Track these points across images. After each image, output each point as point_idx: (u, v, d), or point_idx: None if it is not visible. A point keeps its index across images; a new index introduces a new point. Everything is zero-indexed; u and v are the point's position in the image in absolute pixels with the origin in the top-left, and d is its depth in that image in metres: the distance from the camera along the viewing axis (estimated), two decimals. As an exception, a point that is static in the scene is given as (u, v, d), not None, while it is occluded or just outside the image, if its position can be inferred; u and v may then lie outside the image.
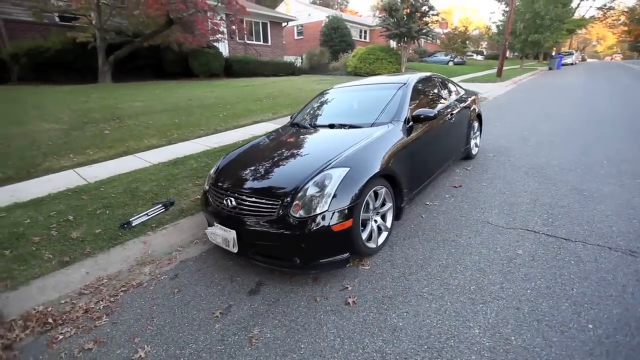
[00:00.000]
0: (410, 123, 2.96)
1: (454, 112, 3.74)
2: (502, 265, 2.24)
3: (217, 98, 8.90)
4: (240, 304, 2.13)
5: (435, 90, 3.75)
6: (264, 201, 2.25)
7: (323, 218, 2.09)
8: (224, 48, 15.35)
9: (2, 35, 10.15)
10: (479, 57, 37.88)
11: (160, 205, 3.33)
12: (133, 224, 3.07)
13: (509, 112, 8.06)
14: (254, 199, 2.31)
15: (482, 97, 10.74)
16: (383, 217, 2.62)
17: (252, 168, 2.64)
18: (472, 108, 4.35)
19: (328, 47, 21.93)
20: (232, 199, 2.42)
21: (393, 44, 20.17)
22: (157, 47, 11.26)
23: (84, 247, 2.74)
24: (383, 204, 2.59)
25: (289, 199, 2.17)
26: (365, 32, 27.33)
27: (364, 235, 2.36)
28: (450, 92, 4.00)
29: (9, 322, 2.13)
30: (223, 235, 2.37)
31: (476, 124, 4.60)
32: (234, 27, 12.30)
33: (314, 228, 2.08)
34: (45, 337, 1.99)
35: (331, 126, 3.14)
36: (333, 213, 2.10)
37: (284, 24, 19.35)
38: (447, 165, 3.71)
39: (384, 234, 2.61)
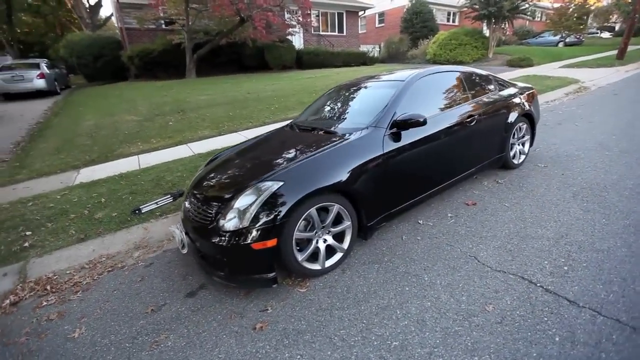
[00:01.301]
0: (394, 129, 2.44)
1: (478, 114, 2.95)
2: (452, 321, 1.68)
3: (275, 91, 9.13)
4: (173, 304, 2.14)
5: (451, 89, 3.00)
6: (204, 209, 2.18)
7: (243, 234, 1.90)
8: (298, 40, 15.59)
9: (124, 41, 12.45)
10: (607, 35, 29.53)
11: (170, 195, 3.58)
12: (142, 211, 3.37)
13: (605, 108, 6.07)
14: (199, 205, 2.26)
15: (583, 87, 8.39)
16: (339, 237, 2.26)
17: (217, 172, 2.58)
18: (515, 108, 3.36)
19: (408, 33, 20.22)
20: (188, 202, 2.42)
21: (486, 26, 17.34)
22: (235, 43, 12.13)
23: (99, 228, 3.15)
24: (339, 222, 2.23)
25: (221, 210, 2.04)
26: (454, 14, 24.10)
27: (302, 256, 2.07)
28: (476, 90, 3.15)
29: (26, 283, 2.62)
30: (178, 235, 2.40)
31: (523, 127, 3.57)
32: (306, 20, 12.33)
33: (234, 243, 1.91)
34: (36, 302, 2.37)
35: (312, 129, 2.84)
36: (253, 230, 1.89)
37: (360, 13, 18.49)
38: (458, 178, 2.97)
39: (338, 255, 2.25)
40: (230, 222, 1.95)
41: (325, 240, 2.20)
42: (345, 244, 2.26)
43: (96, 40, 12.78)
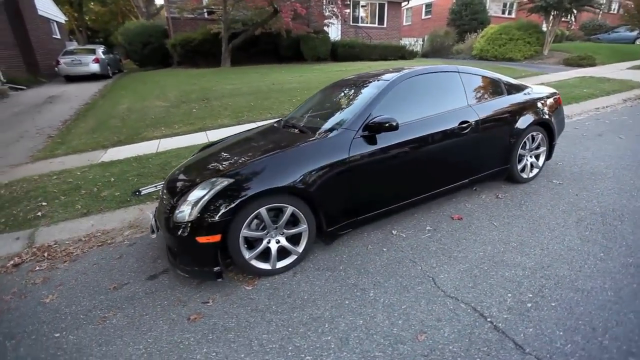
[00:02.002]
0: (366, 132, 2.29)
1: (474, 120, 2.66)
2: (376, 345, 1.56)
3: (300, 83, 9.10)
4: (133, 284, 2.26)
5: (445, 91, 2.72)
6: (167, 199, 2.26)
7: (190, 227, 1.94)
8: (335, 32, 15.29)
9: (169, 30, 13.22)
10: None
11: (168, 180, 3.79)
12: (142, 193, 3.61)
13: (669, 119, 5.13)
14: (166, 194, 2.34)
15: (649, 93, 7.17)
16: (296, 239, 2.21)
17: (192, 164, 2.65)
18: (525, 115, 2.97)
19: (455, 26, 18.90)
20: (162, 191, 2.53)
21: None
22: (271, 33, 12.26)
23: (102, 205, 3.43)
24: (296, 225, 2.18)
25: (178, 201, 2.10)
26: (511, 6, 21.92)
27: (250, 254, 2.06)
28: (476, 93, 2.82)
29: (31, 248, 2.95)
30: (151, 221, 2.52)
31: (538, 137, 3.15)
32: (342, 11, 12.06)
33: (182, 235, 1.96)
34: (32, 266, 2.66)
35: (293, 127, 2.78)
36: (199, 224, 1.92)
37: (403, 4, 17.56)
38: (446, 190, 2.73)
39: (292, 258, 2.21)
40: (181, 215, 2.00)
41: (278, 242, 2.16)
42: (301, 248, 2.21)
43: (145, 28, 13.77)
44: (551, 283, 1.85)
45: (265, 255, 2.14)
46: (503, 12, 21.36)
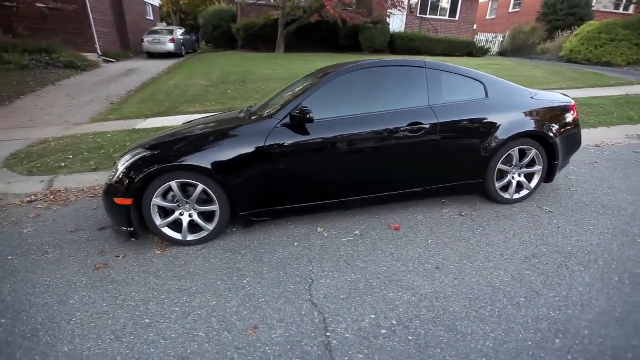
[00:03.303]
0: (289, 122, 2.24)
1: (431, 123, 2.36)
2: (206, 326, 1.59)
3: (339, 74, 8.98)
4: (86, 231, 2.66)
5: (401, 87, 2.45)
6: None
7: (111, 188, 2.21)
8: (399, 23, 14.46)
9: (237, 14, 14.18)
10: None
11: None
12: (142, 158, 4.14)
13: None
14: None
15: None
16: (212, 217, 2.33)
17: (152, 137, 2.93)
18: (510, 124, 2.50)
19: (546, 22, 16.19)
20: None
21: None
22: (329, 22, 12.24)
23: (109, 164, 4.04)
24: (210, 203, 2.29)
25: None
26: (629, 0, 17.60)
27: (161, 222, 2.25)
28: (443, 92, 2.45)
29: (46, 190, 3.66)
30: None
31: (530, 152, 2.63)
32: (412, 2, 11.38)
33: (108, 195, 2.25)
34: (38, 204, 3.32)
35: (249, 112, 2.86)
36: (117, 187, 2.18)
37: (485, -6, 15.60)
38: (390, 196, 2.51)
39: (204, 233, 2.34)
40: (110, 176, 2.29)
41: (190, 216, 2.31)
42: (212, 226, 2.32)
43: (217, 12, 15.05)
44: (429, 316, 1.62)
45: (181, 226, 2.32)
46: (617, 7, 17.16)
